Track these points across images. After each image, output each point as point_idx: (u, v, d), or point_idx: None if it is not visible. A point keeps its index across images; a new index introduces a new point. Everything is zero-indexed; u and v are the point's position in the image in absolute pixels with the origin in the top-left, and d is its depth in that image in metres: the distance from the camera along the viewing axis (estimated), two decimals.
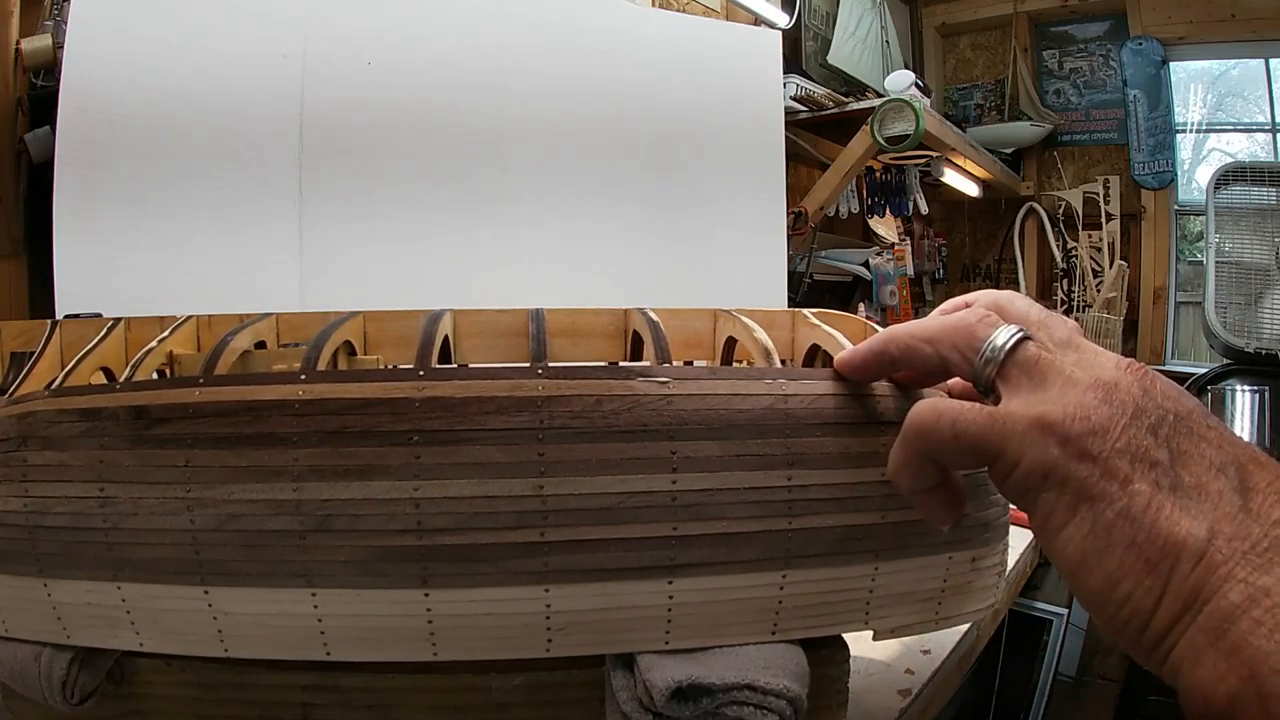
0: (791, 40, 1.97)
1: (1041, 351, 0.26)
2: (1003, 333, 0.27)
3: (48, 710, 0.30)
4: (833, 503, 0.30)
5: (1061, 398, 0.24)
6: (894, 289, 2.16)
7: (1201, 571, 0.21)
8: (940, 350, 0.28)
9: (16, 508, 0.29)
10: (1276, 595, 0.21)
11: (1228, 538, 0.22)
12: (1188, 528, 0.22)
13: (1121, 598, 0.22)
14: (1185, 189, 2.70)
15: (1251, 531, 0.22)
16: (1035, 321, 0.28)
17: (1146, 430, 0.23)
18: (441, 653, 0.29)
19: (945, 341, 0.28)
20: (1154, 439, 0.23)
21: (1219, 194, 2.13)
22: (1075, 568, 0.23)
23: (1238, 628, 0.21)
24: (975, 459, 0.26)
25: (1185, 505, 0.22)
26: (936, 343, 0.28)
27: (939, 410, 0.26)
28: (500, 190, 0.76)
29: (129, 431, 0.28)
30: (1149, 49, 2.60)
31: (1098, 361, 0.25)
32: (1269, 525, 0.22)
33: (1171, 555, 0.22)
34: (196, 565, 0.28)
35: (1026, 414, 0.24)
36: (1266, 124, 2.62)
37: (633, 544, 0.28)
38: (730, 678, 0.29)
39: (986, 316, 0.28)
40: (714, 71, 0.88)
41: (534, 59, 0.78)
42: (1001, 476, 0.25)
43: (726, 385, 0.30)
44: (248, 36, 0.68)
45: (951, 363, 0.28)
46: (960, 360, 0.28)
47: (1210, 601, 0.21)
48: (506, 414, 0.28)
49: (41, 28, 0.75)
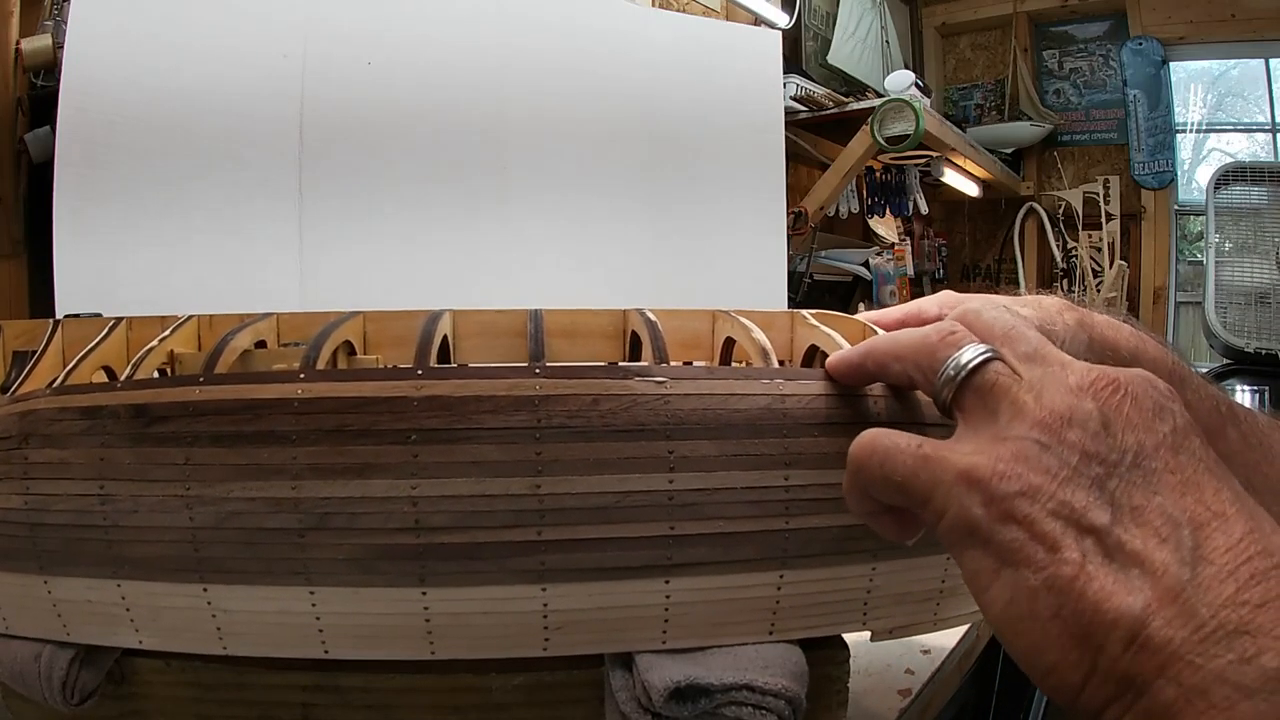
0: (791, 40, 1.97)
1: (999, 376, 0.24)
2: (965, 352, 0.25)
3: (48, 710, 0.30)
4: (830, 503, 0.30)
5: (994, 446, 0.22)
6: (894, 289, 2.16)
7: (1134, 656, 0.19)
8: (905, 369, 0.27)
9: (18, 505, 0.29)
10: (1215, 697, 0.18)
11: (1166, 620, 0.19)
12: (1120, 603, 0.19)
13: (1047, 667, 0.20)
14: (1185, 189, 2.71)
15: (1197, 613, 0.19)
16: (1001, 335, 0.25)
17: (1090, 484, 0.21)
18: (439, 651, 0.29)
19: (909, 360, 0.27)
20: (1097, 495, 0.21)
21: (1219, 194, 2.13)
22: (1001, 628, 0.22)
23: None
24: (904, 501, 0.24)
25: (1121, 577, 0.20)
26: (903, 360, 0.27)
27: (874, 445, 0.25)
28: (500, 190, 0.76)
29: (129, 430, 0.29)
30: (1149, 49, 2.60)
31: (1059, 381, 0.23)
32: (1216, 607, 0.19)
33: (1100, 634, 0.19)
34: (196, 563, 0.28)
35: (957, 463, 0.23)
36: (1266, 124, 2.62)
37: (629, 543, 0.29)
38: (729, 678, 0.29)
39: (951, 333, 0.26)
40: (714, 71, 0.88)
41: (533, 59, 0.78)
42: (930, 524, 0.23)
43: (723, 385, 0.30)
44: (248, 36, 0.68)
45: (916, 382, 0.27)
46: (923, 380, 0.26)
47: (1145, 695, 0.19)
48: (504, 413, 0.28)
49: (41, 28, 0.75)
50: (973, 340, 0.25)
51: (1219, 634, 0.18)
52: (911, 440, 0.24)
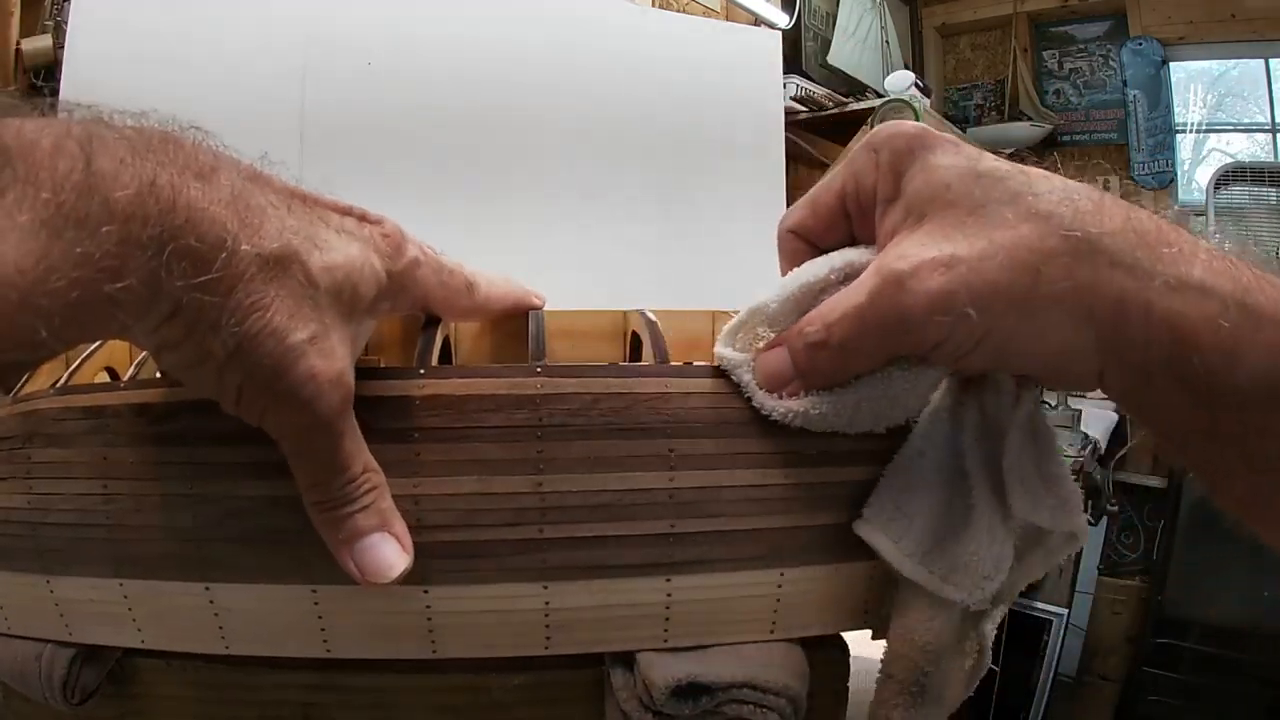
0: (791, 40, 1.98)
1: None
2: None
3: (48, 710, 0.30)
4: (832, 501, 0.30)
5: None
6: None
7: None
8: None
9: (21, 504, 0.29)
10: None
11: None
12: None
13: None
14: (1185, 189, 2.71)
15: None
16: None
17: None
18: (441, 650, 0.29)
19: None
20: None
21: (1219, 194, 2.13)
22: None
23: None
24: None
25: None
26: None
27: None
28: (500, 191, 0.76)
29: (132, 429, 0.29)
30: (1149, 49, 2.60)
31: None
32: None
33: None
34: (198, 562, 0.28)
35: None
36: (1266, 124, 2.62)
37: (630, 541, 0.29)
38: (730, 676, 0.29)
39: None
40: (714, 71, 0.88)
41: (533, 60, 0.78)
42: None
43: (723, 383, 0.30)
44: (248, 38, 0.68)
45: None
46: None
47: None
48: (505, 411, 0.28)
49: (41, 28, 0.75)
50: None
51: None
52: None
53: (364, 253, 0.27)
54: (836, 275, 0.27)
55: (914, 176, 0.26)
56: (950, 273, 0.24)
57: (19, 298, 0.18)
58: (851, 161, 0.28)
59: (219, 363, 0.23)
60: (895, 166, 0.27)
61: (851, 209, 0.29)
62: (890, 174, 0.27)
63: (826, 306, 0.27)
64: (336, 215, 0.27)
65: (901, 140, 0.27)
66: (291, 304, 0.23)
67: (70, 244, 0.19)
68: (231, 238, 0.22)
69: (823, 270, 0.28)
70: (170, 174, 0.21)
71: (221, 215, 0.22)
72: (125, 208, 0.20)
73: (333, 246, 0.25)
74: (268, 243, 0.23)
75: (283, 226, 0.24)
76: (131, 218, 0.20)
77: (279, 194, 0.25)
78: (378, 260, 0.27)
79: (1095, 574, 2.29)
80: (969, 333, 0.24)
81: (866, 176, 0.27)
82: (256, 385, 0.23)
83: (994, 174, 0.25)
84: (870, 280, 0.25)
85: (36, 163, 0.19)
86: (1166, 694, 1.90)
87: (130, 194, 0.20)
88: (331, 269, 0.25)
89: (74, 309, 0.19)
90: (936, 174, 0.26)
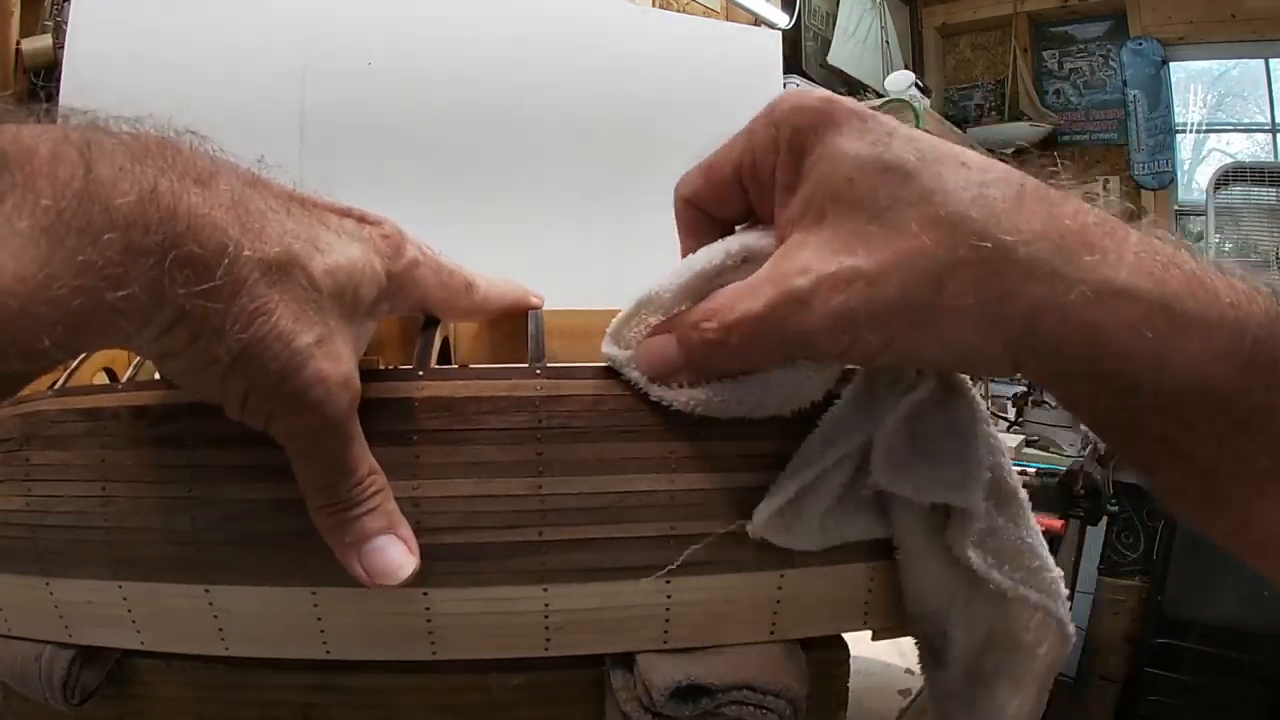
0: (791, 41, 1.98)
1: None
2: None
3: (48, 710, 0.30)
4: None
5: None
6: None
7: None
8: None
9: (19, 506, 0.29)
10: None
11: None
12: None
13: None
14: (1185, 189, 2.71)
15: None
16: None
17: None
18: (440, 651, 0.29)
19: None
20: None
21: (1219, 194, 2.13)
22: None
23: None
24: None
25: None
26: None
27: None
28: (499, 191, 0.76)
29: (131, 431, 0.29)
30: (1149, 49, 2.60)
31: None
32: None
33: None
34: (197, 564, 0.28)
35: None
36: (1266, 124, 2.62)
37: (630, 543, 0.29)
38: (730, 677, 0.29)
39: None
40: (714, 71, 0.88)
41: (533, 60, 0.78)
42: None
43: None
44: (248, 38, 0.68)
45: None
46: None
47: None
48: (505, 413, 0.28)
49: (41, 28, 0.75)
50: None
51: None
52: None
53: (364, 254, 0.27)
54: (733, 260, 0.27)
55: (816, 162, 0.25)
56: (849, 289, 0.23)
57: (20, 306, 0.18)
58: (751, 134, 0.27)
59: (224, 368, 0.23)
60: (797, 147, 0.25)
61: (749, 186, 0.28)
62: (790, 155, 0.25)
63: (724, 302, 0.26)
64: (336, 217, 0.27)
65: (804, 116, 0.25)
66: (295, 308, 0.23)
67: (72, 251, 0.19)
68: (233, 243, 0.22)
69: (718, 256, 0.27)
70: (170, 180, 0.21)
71: (222, 221, 0.22)
72: (126, 215, 0.20)
73: (333, 249, 0.25)
74: (269, 247, 0.23)
75: (283, 230, 0.24)
76: (133, 225, 0.20)
77: (278, 198, 0.25)
78: (378, 261, 0.27)
79: (1095, 574, 2.29)
80: (867, 348, 0.24)
81: (766, 154, 0.26)
82: (263, 390, 0.23)
83: (901, 168, 0.24)
84: (769, 290, 0.25)
85: (35, 169, 0.19)
86: (1167, 694, 1.91)
87: (131, 201, 0.20)
88: (333, 271, 0.25)
89: (76, 317, 0.19)
90: (840, 164, 0.24)
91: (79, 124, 0.22)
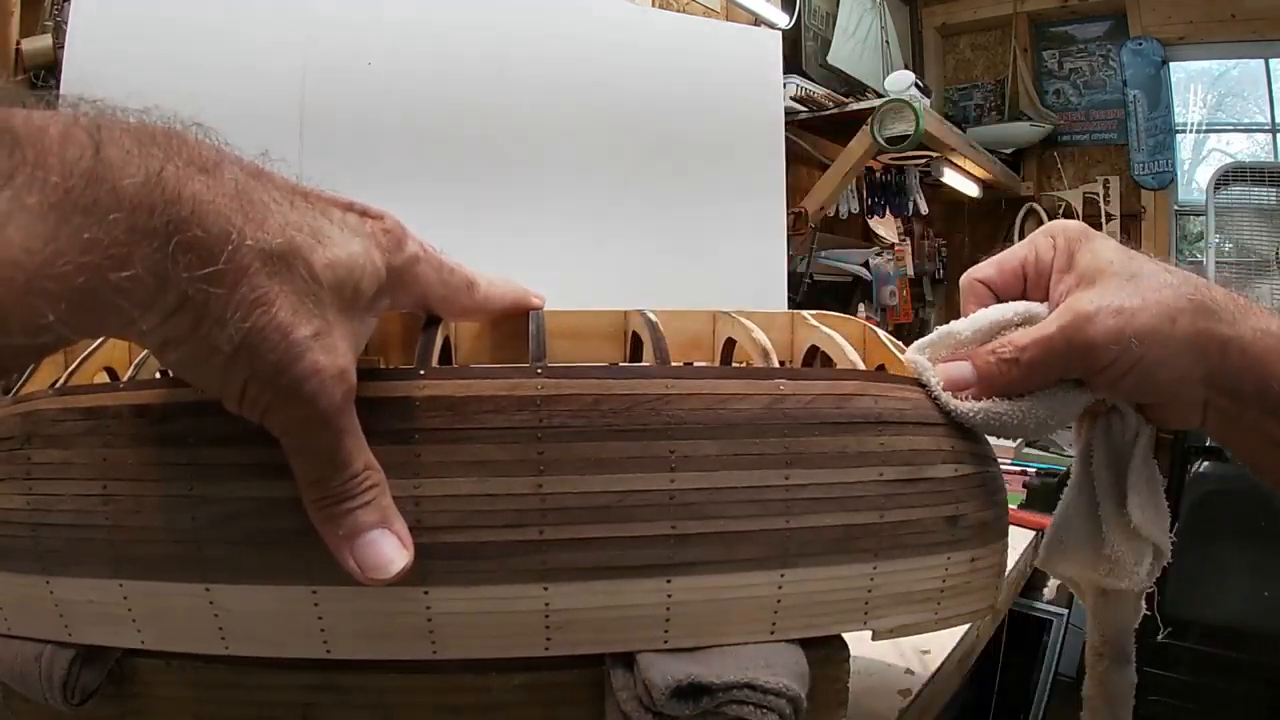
0: (791, 40, 1.97)
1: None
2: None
3: (48, 710, 0.30)
4: (831, 502, 0.30)
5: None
6: (894, 289, 2.16)
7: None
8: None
9: (20, 505, 0.29)
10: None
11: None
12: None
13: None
14: (1185, 189, 2.70)
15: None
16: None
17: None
18: (440, 650, 0.29)
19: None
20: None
21: (1219, 194, 2.13)
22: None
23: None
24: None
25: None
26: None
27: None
28: (500, 191, 0.76)
29: (132, 430, 0.29)
30: (1149, 49, 2.60)
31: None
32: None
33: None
34: (198, 562, 0.28)
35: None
36: (1266, 124, 2.62)
37: (631, 542, 0.29)
38: (730, 676, 0.29)
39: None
40: (714, 71, 0.88)
41: (533, 60, 0.78)
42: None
43: (724, 385, 0.30)
44: (248, 38, 0.68)
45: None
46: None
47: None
48: (506, 413, 0.28)
49: (41, 28, 0.75)
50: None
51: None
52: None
53: (365, 248, 0.27)
54: (1018, 318, 0.36)
55: (1084, 255, 0.36)
56: (1120, 316, 0.33)
57: (25, 279, 0.18)
58: (1033, 240, 0.38)
59: (224, 359, 0.23)
60: (1069, 248, 0.36)
61: (1029, 273, 0.38)
62: (1065, 253, 0.36)
63: (1017, 335, 0.35)
64: (338, 211, 0.27)
65: (1074, 230, 0.37)
66: (295, 300, 0.23)
67: (78, 229, 0.19)
68: (236, 231, 0.22)
69: (1009, 313, 0.36)
70: (176, 166, 0.21)
71: (226, 209, 0.22)
72: (133, 196, 0.20)
73: (335, 242, 0.25)
74: (271, 238, 0.23)
75: (285, 222, 0.24)
76: (139, 206, 0.20)
77: (281, 190, 0.25)
78: (379, 256, 0.27)
79: None
80: (1128, 360, 0.33)
81: (1046, 252, 0.37)
82: (260, 381, 0.23)
83: (1139, 257, 0.35)
84: (1060, 317, 0.34)
85: (45, 148, 0.19)
86: (1167, 694, 1.90)
87: (138, 182, 0.20)
88: (334, 265, 0.25)
89: (81, 295, 0.19)
90: (1102, 253, 0.35)
91: (88, 110, 0.22)
